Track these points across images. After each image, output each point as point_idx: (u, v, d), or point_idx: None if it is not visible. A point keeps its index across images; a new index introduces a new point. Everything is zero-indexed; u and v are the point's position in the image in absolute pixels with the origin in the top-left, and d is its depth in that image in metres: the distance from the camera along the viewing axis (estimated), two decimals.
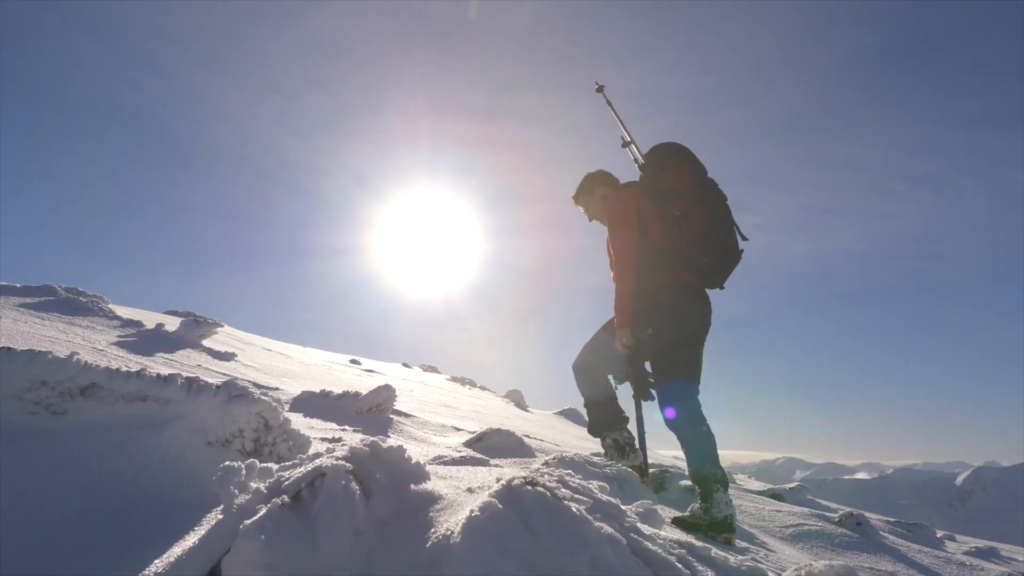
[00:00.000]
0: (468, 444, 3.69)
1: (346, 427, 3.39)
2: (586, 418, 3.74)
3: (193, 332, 5.18)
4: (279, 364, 6.25)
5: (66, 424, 1.40)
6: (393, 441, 3.36)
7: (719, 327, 3.58)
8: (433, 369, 16.84)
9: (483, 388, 15.87)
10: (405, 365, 15.82)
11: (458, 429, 4.48)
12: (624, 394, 3.57)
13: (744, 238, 3.48)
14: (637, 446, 3.50)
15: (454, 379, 14.80)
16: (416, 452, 3.08)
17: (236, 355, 5.27)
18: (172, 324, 5.19)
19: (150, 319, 5.31)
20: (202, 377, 1.59)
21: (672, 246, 3.35)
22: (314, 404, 3.86)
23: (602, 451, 3.63)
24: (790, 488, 5.18)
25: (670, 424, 3.20)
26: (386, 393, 4.05)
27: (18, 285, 4.61)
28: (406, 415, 4.48)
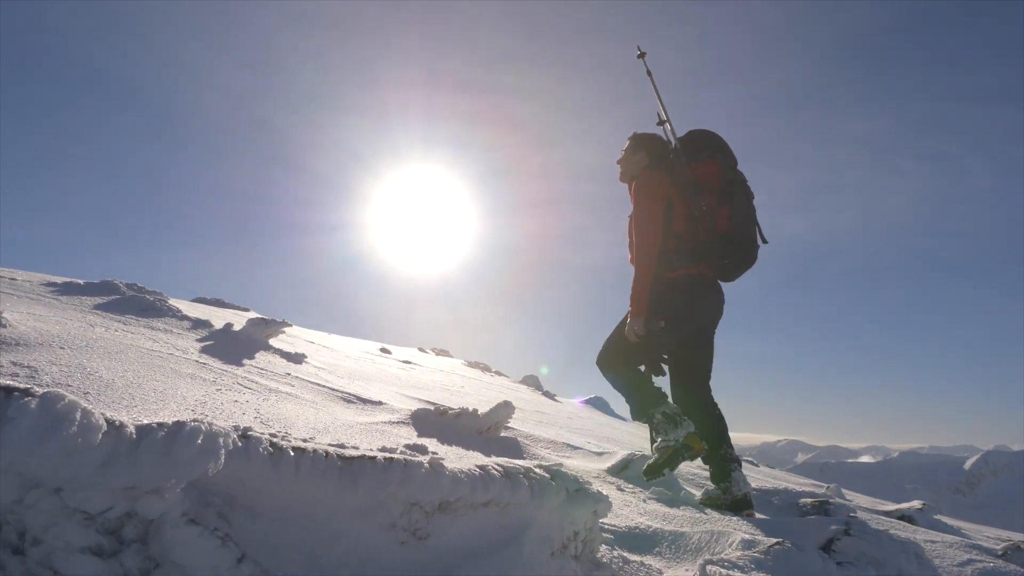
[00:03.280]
0: (612, 472, 3.54)
1: (492, 457, 3.21)
2: (627, 406, 3.83)
3: (261, 332, 5.02)
4: (337, 361, 6.10)
5: (432, 551, 1.20)
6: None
7: None
8: (445, 353, 16.76)
9: (498, 373, 15.84)
10: (420, 350, 15.73)
11: (572, 447, 4.33)
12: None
13: (764, 240, 3.63)
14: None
15: (470, 364, 14.74)
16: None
17: (305, 356, 5.09)
18: (238, 323, 5.01)
19: (215, 317, 5.13)
20: (533, 469, 1.39)
21: (695, 240, 3.51)
22: (434, 424, 3.70)
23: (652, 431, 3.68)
24: (918, 508, 5.08)
25: None
26: (505, 411, 3.91)
27: (81, 282, 4.43)
28: (510, 428, 4.33)
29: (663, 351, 3.66)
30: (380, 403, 4.03)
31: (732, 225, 3.49)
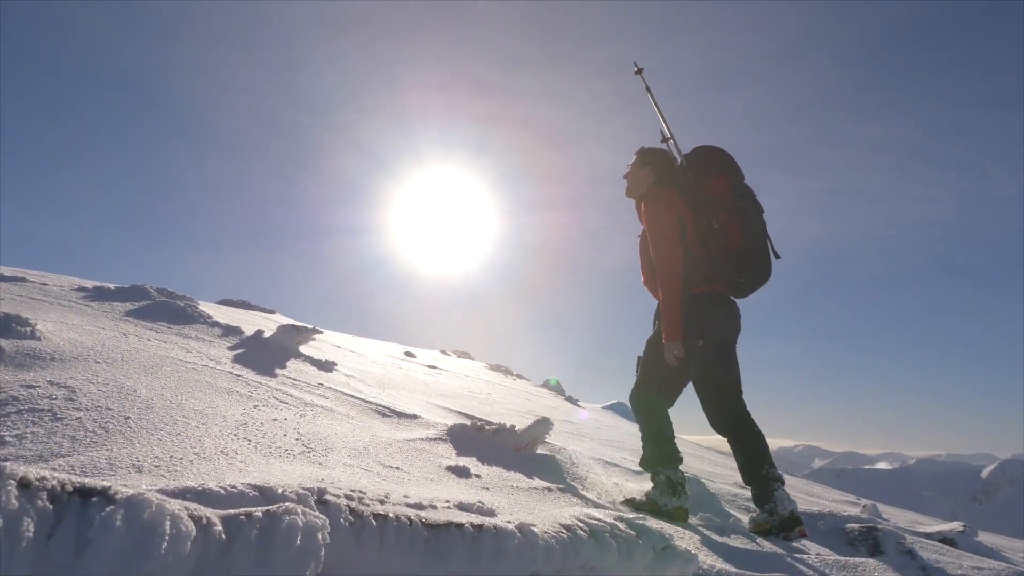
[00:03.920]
0: None
1: (535, 478, 3.09)
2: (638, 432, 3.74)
3: (291, 339, 4.94)
4: (365, 368, 6.02)
5: None
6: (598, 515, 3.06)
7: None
8: (467, 355, 16.65)
9: (519, 376, 15.70)
10: (443, 352, 15.64)
11: (609, 463, 4.19)
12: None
13: (777, 256, 3.56)
14: (688, 489, 3.50)
15: (492, 367, 14.62)
16: None
17: (335, 363, 5.00)
18: (268, 329, 4.92)
19: (244, 322, 5.05)
20: (617, 525, 1.25)
21: (708, 258, 3.45)
22: (471, 440, 3.59)
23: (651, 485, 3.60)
24: (959, 531, 4.87)
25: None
26: (542, 428, 3.79)
27: (112, 287, 4.36)
28: (547, 443, 4.19)
29: (687, 376, 3.56)
30: (415, 416, 3.92)
31: (746, 241, 3.44)
